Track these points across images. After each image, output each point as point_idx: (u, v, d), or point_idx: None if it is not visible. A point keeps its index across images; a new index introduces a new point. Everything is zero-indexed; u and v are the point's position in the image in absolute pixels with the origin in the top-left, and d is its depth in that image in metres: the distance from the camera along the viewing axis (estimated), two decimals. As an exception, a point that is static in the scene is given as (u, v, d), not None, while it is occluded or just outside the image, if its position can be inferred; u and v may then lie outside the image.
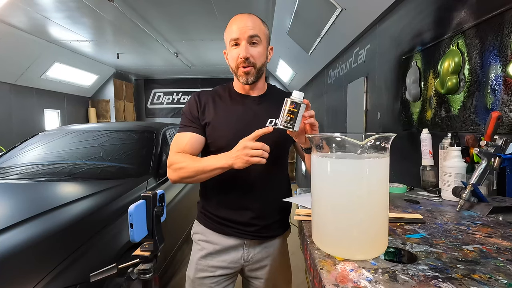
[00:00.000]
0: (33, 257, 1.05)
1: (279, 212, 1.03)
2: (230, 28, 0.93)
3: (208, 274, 0.99)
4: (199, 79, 7.81)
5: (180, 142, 0.95)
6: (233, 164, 0.81)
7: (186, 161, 0.89)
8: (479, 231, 0.70)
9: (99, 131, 2.31)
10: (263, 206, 0.98)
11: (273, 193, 1.00)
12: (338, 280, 0.49)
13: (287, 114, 0.76)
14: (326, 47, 3.26)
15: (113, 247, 1.24)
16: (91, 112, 6.72)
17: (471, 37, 1.23)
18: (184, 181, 0.91)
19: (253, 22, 0.92)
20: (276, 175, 1.01)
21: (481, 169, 0.88)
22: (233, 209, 0.97)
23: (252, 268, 1.02)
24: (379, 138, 0.55)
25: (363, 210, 0.56)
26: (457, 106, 1.33)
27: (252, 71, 0.92)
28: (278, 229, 1.03)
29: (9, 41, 4.03)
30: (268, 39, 0.98)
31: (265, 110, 0.98)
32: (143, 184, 1.77)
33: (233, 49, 0.92)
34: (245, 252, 1.00)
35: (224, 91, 1.02)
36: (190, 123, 0.96)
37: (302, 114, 0.77)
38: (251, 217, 0.97)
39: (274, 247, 1.03)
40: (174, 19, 3.84)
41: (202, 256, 1.00)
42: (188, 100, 1.01)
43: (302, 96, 0.76)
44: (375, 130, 2.27)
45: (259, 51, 0.92)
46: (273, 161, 0.94)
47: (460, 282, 0.47)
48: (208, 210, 1.01)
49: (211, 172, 0.86)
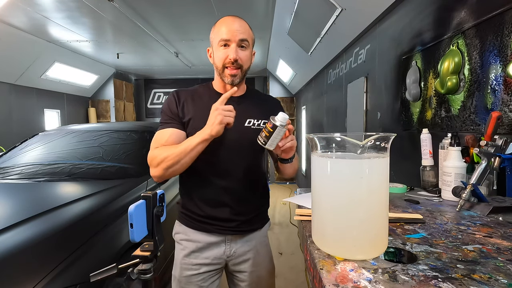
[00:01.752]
0: (33, 257, 1.05)
1: (259, 207, 1.07)
2: (220, 29, 0.95)
3: (193, 272, 1.01)
4: (199, 79, 7.81)
5: (160, 139, 0.95)
6: (211, 131, 0.84)
7: (166, 151, 0.89)
8: (479, 231, 0.70)
9: (99, 131, 2.30)
10: (243, 202, 1.01)
11: (252, 190, 1.03)
12: (338, 280, 0.49)
13: (264, 131, 0.83)
14: (326, 47, 3.26)
15: (113, 247, 1.24)
16: (91, 112, 6.72)
17: (471, 37, 1.23)
18: (168, 171, 0.90)
19: (243, 26, 0.96)
20: (253, 171, 1.03)
21: (481, 169, 0.88)
22: (213, 207, 0.99)
23: (235, 262, 1.04)
24: (379, 138, 0.55)
25: (363, 210, 0.56)
26: (457, 106, 1.33)
27: (239, 73, 0.95)
28: (258, 222, 1.07)
29: (9, 41, 4.03)
30: (253, 43, 1.02)
31: (243, 110, 1.00)
32: (143, 184, 1.77)
33: (221, 49, 0.94)
34: (227, 247, 1.02)
35: (203, 90, 1.04)
36: (170, 120, 0.97)
37: (280, 135, 0.82)
38: (231, 213, 0.99)
39: (255, 240, 1.06)
40: (174, 19, 3.84)
41: (185, 255, 1.02)
42: (167, 98, 1.02)
43: (285, 120, 0.81)
44: (375, 130, 2.27)
45: (246, 54, 0.96)
46: (250, 158, 1.00)
47: (460, 282, 0.47)
48: (189, 209, 1.03)
49: (194, 150, 0.87)
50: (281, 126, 0.80)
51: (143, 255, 0.77)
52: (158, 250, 0.79)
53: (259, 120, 1.00)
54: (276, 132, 0.81)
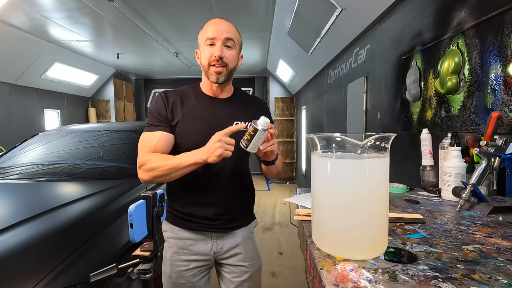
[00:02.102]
0: (33, 257, 1.05)
1: (243, 205, 1.08)
2: (206, 29, 0.96)
3: (183, 268, 1.02)
4: (199, 79, 7.79)
5: (150, 142, 0.95)
6: (208, 158, 0.83)
7: (159, 161, 0.89)
8: (479, 231, 0.70)
9: (99, 131, 2.30)
10: (227, 201, 1.02)
11: (237, 189, 1.05)
12: (338, 280, 0.49)
13: (246, 134, 0.84)
14: (326, 47, 3.26)
15: (113, 247, 1.24)
16: (91, 112, 6.72)
17: (471, 37, 1.23)
18: (156, 180, 0.91)
19: (229, 27, 0.97)
20: (239, 171, 1.05)
21: (481, 169, 0.88)
22: (198, 206, 1.01)
23: (223, 257, 1.06)
24: (379, 138, 0.55)
25: (363, 210, 0.56)
26: (457, 106, 1.33)
27: (224, 71, 0.96)
28: (242, 220, 1.08)
29: (9, 41, 4.04)
30: (240, 47, 1.03)
31: (231, 112, 1.02)
32: (143, 184, 1.76)
33: (207, 48, 0.95)
34: (214, 243, 1.04)
35: (191, 92, 1.04)
36: (159, 122, 0.97)
37: (261, 138, 0.84)
38: (216, 213, 1.01)
39: (241, 236, 1.07)
40: (174, 19, 3.84)
41: (174, 252, 1.03)
42: (155, 99, 1.02)
43: (266, 124, 0.82)
44: (375, 130, 2.27)
45: (232, 54, 0.97)
46: (236, 158, 1.00)
47: (460, 282, 0.47)
48: (175, 208, 1.04)
49: (185, 168, 0.87)
50: (262, 130, 0.82)
51: (143, 255, 0.77)
52: (158, 250, 0.79)
53: (246, 122, 1.00)
54: (258, 136, 0.82)
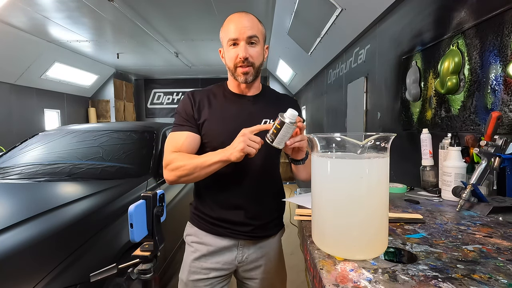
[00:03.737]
0: (33, 257, 1.04)
1: (274, 212, 1.02)
2: (228, 28, 0.92)
3: (202, 277, 0.97)
4: (199, 79, 7.82)
5: (176, 142, 0.93)
6: (230, 155, 0.80)
7: (183, 160, 0.87)
8: (479, 231, 0.70)
9: (99, 131, 2.30)
10: (258, 206, 0.97)
11: (267, 193, 1.00)
12: (338, 280, 0.49)
13: (273, 128, 0.78)
14: (326, 47, 3.26)
15: (113, 247, 1.24)
16: (91, 112, 6.72)
17: (471, 37, 1.23)
18: (181, 180, 0.89)
19: (251, 22, 0.91)
20: (269, 173, 1.00)
21: (481, 169, 0.88)
22: (227, 209, 0.96)
23: (246, 268, 1.00)
24: (379, 138, 0.55)
25: (363, 210, 0.56)
26: (457, 106, 1.33)
27: (251, 70, 0.92)
28: (273, 229, 1.03)
29: (9, 41, 4.04)
30: (265, 38, 0.97)
31: (259, 110, 0.98)
32: (143, 184, 1.76)
33: (231, 49, 0.92)
34: (240, 252, 0.99)
35: (218, 90, 1.01)
36: (186, 122, 0.95)
37: (288, 133, 0.77)
38: (245, 217, 0.95)
39: (269, 247, 1.02)
40: (174, 19, 3.84)
41: (195, 258, 0.98)
42: (182, 99, 1.00)
43: (294, 116, 0.76)
44: (375, 130, 2.27)
45: (257, 50, 0.92)
46: (266, 160, 0.96)
47: (460, 282, 0.47)
48: (202, 211, 1.00)
49: (209, 167, 0.84)
50: (289, 123, 0.76)
51: (143, 255, 0.77)
52: (158, 250, 0.79)
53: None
54: (284, 130, 0.76)
